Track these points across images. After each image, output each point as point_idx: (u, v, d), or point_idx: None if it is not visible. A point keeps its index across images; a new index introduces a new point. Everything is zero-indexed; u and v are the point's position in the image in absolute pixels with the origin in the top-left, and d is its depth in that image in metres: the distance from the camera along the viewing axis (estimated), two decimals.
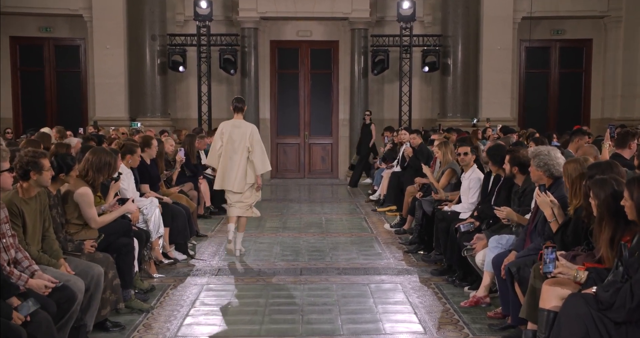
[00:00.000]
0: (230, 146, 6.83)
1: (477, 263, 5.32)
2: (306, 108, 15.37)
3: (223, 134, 6.88)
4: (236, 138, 6.83)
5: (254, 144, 6.83)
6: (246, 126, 6.89)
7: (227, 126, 6.92)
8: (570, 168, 4.24)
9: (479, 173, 6.59)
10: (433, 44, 14.38)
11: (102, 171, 5.17)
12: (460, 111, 14.41)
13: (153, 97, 14.22)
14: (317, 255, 7.29)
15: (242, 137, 6.81)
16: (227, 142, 6.84)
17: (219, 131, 6.96)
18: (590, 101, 15.50)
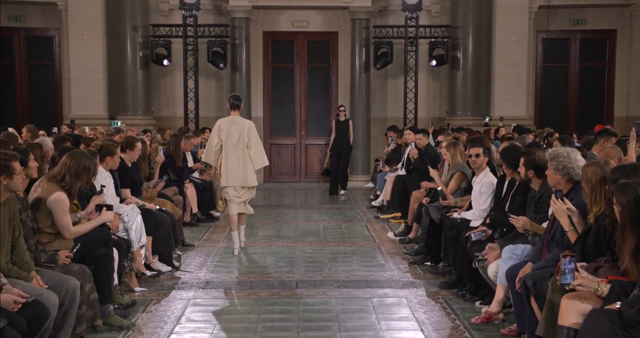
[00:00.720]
0: (230, 143, 7.57)
1: (490, 275, 5.32)
2: (302, 106, 15.38)
3: (221, 131, 7.61)
4: (234, 134, 7.58)
5: (251, 140, 7.60)
6: (243, 122, 7.68)
7: (224, 123, 7.66)
8: (590, 171, 4.24)
9: (491, 177, 6.59)
10: (441, 35, 14.40)
11: (80, 177, 5.16)
12: (470, 109, 14.43)
13: (134, 94, 14.22)
14: (315, 266, 7.29)
15: (241, 133, 7.58)
16: (226, 139, 7.57)
17: (216, 127, 7.68)
18: (613, 98, 15.52)
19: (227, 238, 8.75)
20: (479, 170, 6.69)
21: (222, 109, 15.09)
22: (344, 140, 13.01)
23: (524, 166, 5.35)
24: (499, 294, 5.20)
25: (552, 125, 12.74)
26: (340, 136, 13.00)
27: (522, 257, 4.97)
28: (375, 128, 15.04)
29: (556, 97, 15.55)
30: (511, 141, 7.87)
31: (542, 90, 15.54)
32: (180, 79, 14.58)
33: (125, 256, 5.93)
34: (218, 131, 7.64)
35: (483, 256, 5.43)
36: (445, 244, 6.59)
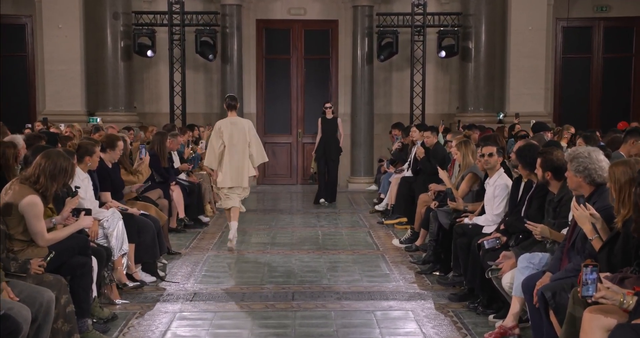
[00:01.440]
0: (231, 144, 8.34)
1: (504, 286, 5.32)
2: (299, 101, 15.39)
3: (222, 133, 8.33)
4: (235, 135, 8.35)
5: (252, 139, 8.46)
6: (242, 122, 8.52)
7: (225, 124, 8.38)
8: (618, 171, 4.23)
9: (506, 179, 6.59)
10: (451, 24, 14.42)
11: (56, 179, 5.15)
12: (483, 105, 14.45)
13: (115, 88, 14.22)
14: (313, 276, 7.29)
15: (241, 133, 8.36)
16: (228, 140, 8.32)
17: (217, 129, 8.40)
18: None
19: (217, 245, 8.80)
20: (492, 171, 6.69)
21: (212, 104, 15.12)
22: (331, 141, 12.30)
23: (541, 167, 5.35)
24: (515, 307, 5.20)
25: (573, 122, 12.77)
26: (327, 136, 12.29)
27: (540, 267, 4.97)
28: (379, 126, 15.06)
29: (577, 92, 15.58)
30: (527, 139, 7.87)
31: (562, 83, 15.57)
32: (166, 71, 14.59)
33: (105, 265, 5.92)
34: (219, 132, 8.33)
35: (497, 266, 5.43)
36: (455, 252, 6.58)
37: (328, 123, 12.32)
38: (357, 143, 14.65)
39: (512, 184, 6.32)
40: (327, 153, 12.30)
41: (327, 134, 12.32)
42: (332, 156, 12.36)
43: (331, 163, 12.41)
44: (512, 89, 14.41)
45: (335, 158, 12.43)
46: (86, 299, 5.21)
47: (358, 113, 14.59)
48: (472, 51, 14.39)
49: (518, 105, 14.10)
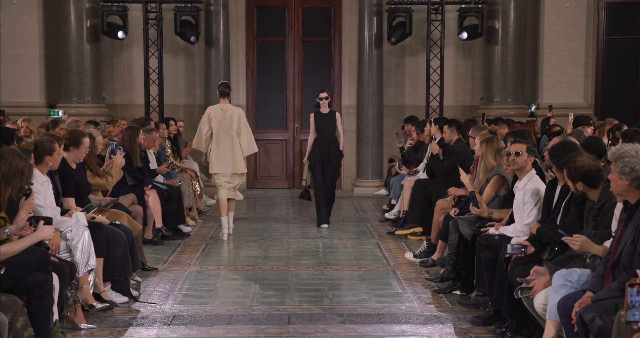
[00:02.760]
0: (220, 131, 9.91)
1: (537, 308, 5.32)
2: (296, 91, 15.40)
3: (211, 119, 9.93)
4: (225, 122, 9.93)
5: (241, 128, 10.01)
6: (233, 109, 10.06)
7: (214, 111, 9.99)
8: None
9: (537, 182, 6.59)
10: (474, 0, 14.42)
11: (11, 182, 5.15)
12: (512, 95, 14.44)
13: (80, 75, 14.22)
14: (312, 295, 7.29)
15: (231, 120, 9.94)
16: (217, 126, 9.90)
17: (206, 115, 10.00)
18: None
19: (200, 260, 8.81)
20: (521, 173, 6.68)
21: (194, 94, 15.13)
22: (329, 143, 10.94)
23: (569, 179, 5.39)
24: (549, 333, 5.19)
25: (617, 115, 12.74)
26: (323, 137, 10.95)
27: (579, 285, 4.97)
28: (390, 119, 15.06)
29: (623, 79, 15.55)
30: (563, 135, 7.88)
31: (605, 70, 15.54)
32: (140, 56, 14.58)
33: (69, 283, 5.91)
34: (208, 118, 9.95)
35: (528, 284, 5.43)
36: (479, 268, 6.58)
37: (323, 119, 11.02)
38: (364, 140, 14.63)
39: (545, 189, 6.32)
40: (324, 159, 10.97)
41: (323, 134, 10.96)
42: (332, 162, 11.03)
43: (330, 171, 11.07)
44: (545, 77, 14.39)
45: (335, 165, 11.13)
46: (45, 323, 5.20)
47: (365, 105, 14.58)
48: (499, 32, 14.37)
49: (553, 95, 14.09)
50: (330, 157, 10.97)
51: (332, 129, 11.00)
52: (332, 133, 11.00)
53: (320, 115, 11.08)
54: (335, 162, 11.09)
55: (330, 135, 10.98)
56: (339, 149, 11.07)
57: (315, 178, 11.05)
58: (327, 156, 10.96)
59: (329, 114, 11.08)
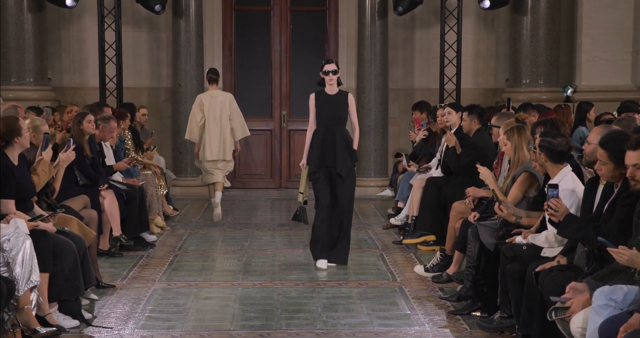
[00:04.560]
0: (212, 118, 11.72)
1: (574, 333, 5.33)
2: (284, 71, 15.42)
3: (203, 106, 11.75)
4: (216, 109, 11.74)
5: (233, 112, 11.87)
6: (224, 95, 12.01)
7: (205, 98, 11.82)
8: None
9: (573, 181, 6.61)
10: None
11: None
12: (544, 76, 14.49)
13: (20, 51, 14.21)
14: (302, 318, 7.30)
15: (221, 106, 11.76)
16: (208, 114, 11.69)
17: (198, 103, 11.83)
18: None
19: (168, 274, 8.83)
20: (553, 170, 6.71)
21: (160, 75, 15.14)
22: (335, 139, 9.19)
23: None
24: None
25: None
26: (327, 128, 9.23)
27: (625, 305, 4.98)
28: (396, 105, 15.09)
29: None
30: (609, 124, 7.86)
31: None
32: (94, 29, 14.57)
33: (6, 304, 5.90)
34: (200, 105, 11.77)
35: (564, 303, 5.45)
36: (503, 284, 6.59)
37: (330, 103, 9.28)
38: (366, 130, 14.62)
39: (585, 189, 6.33)
40: (330, 164, 9.13)
41: (328, 125, 9.22)
42: (341, 169, 9.15)
43: (339, 184, 9.17)
44: (584, 54, 14.43)
45: (346, 173, 9.22)
46: None
47: (367, 88, 14.60)
48: (529, 0, 14.40)
49: (593, 76, 14.15)
50: (338, 160, 9.09)
51: (341, 118, 9.30)
52: (342, 123, 9.31)
53: (324, 97, 9.28)
54: (344, 168, 9.11)
55: (338, 127, 9.23)
56: (352, 149, 9.25)
57: (317, 192, 9.18)
58: (332, 159, 9.12)
59: (338, 96, 9.29)
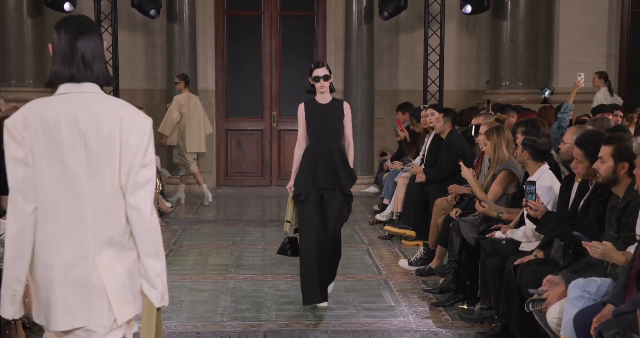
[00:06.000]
0: (192, 115, 13.10)
1: (550, 323, 5.36)
2: (274, 74, 15.40)
3: (182, 106, 13.05)
4: (192, 107, 13.14)
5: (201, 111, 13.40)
6: (195, 97, 13.46)
7: (184, 99, 13.11)
8: None
9: (550, 178, 6.65)
10: None
11: None
12: (522, 78, 14.50)
13: (20, 54, 14.17)
14: (292, 310, 7.33)
15: (197, 106, 13.24)
16: (189, 111, 13.08)
17: (177, 103, 13.08)
18: None
19: None
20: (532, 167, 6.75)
21: (155, 77, 15.11)
22: (331, 156, 7.43)
23: (614, 157, 5.34)
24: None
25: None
26: (320, 144, 7.49)
27: (599, 296, 5.01)
28: (382, 106, 15.10)
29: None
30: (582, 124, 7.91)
31: (631, 48, 15.63)
32: None
33: None
34: (179, 105, 13.04)
35: (540, 295, 5.48)
36: (483, 277, 6.63)
37: (322, 114, 7.56)
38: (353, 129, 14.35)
39: (561, 187, 6.36)
40: (323, 186, 7.40)
41: (321, 140, 7.50)
42: (347, 190, 7.52)
43: (332, 209, 7.45)
44: (562, 57, 14.47)
45: (343, 189, 7.49)
46: None
47: (353, 90, 14.60)
48: (509, 5, 14.41)
49: (570, 78, 14.09)
50: (332, 181, 7.40)
51: (337, 131, 7.53)
52: (338, 138, 7.56)
53: (316, 107, 7.58)
54: (346, 188, 7.49)
55: (334, 142, 7.49)
56: (349, 167, 7.56)
57: (305, 220, 7.40)
58: (327, 180, 7.39)
59: (332, 105, 7.58)
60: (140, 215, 3.51)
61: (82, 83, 3.55)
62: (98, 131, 3.48)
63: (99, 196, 3.50)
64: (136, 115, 3.56)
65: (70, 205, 3.48)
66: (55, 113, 3.49)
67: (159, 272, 3.63)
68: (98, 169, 3.48)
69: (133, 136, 3.50)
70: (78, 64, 3.54)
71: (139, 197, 3.51)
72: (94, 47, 3.59)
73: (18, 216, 3.51)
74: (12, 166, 3.52)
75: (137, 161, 3.51)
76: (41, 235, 3.51)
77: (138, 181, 3.51)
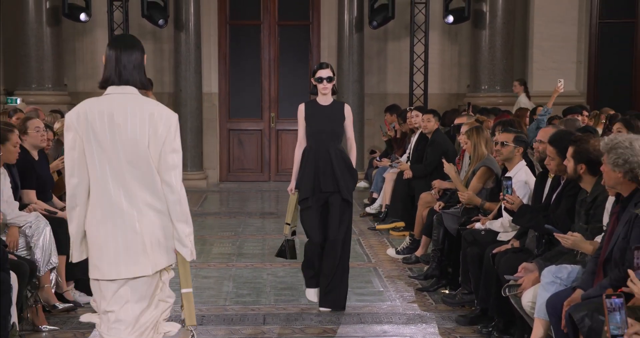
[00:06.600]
0: None
1: (525, 306, 5.37)
2: (272, 78, 15.38)
3: None
4: None
5: None
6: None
7: None
8: None
9: (527, 173, 6.66)
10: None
11: None
12: (500, 82, 14.51)
13: (40, 61, 14.12)
14: (288, 294, 7.34)
15: None
16: None
17: None
18: None
19: None
20: (510, 164, 6.77)
21: (163, 82, 15.08)
22: (331, 157, 6.76)
23: (574, 158, 5.38)
24: (538, 332, 5.24)
25: (612, 103, 12.83)
26: (320, 145, 6.82)
27: (569, 282, 5.03)
28: (371, 108, 15.08)
29: (618, 66, 15.62)
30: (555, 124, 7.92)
31: (599, 56, 15.63)
32: (104, 40, 14.47)
33: (29, 283, 5.90)
34: None
35: (516, 281, 5.49)
36: (464, 265, 6.64)
37: (323, 116, 6.90)
38: None
39: (535, 181, 6.38)
40: (326, 189, 6.76)
41: (322, 142, 6.83)
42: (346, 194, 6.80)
43: (335, 212, 6.80)
44: (535, 63, 14.47)
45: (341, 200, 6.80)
46: (4, 326, 5.19)
47: (345, 93, 14.58)
48: (487, 15, 14.42)
49: (543, 83, 14.16)
50: (338, 184, 6.74)
51: (337, 133, 6.87)
52: (337, 139, 6.89)
53: (316, 108, 6.96)
54: (345, 192, 6.77)
55: (333, 144, 6.82)
56: (351, 168, 6.88)
57: (307, 225, 6.88)
58: (328, 183, 6.75)
59: (333, 107, 6.94)
60: (172, 190, 4.07)
61: (124, 86, 4.16)
62: (132, 123, 4.04)
63: (136, 173, 4.05)
64: (163, 111, 4.13)
65: (115, 180, 4.06)
66: (99, 109, 4.08)
67: (187, 234, 4.14)
68: (133, 153, 4.03)
69: (161, 128, 4.06)
70: (121, 72, 4.16)
71: (170, 176, 4.06)
72: (135, 59, 4.24)
73: (69, 189, 4.13)
74: (67, 149, 4.13)
75: (166, 147, 4.07)
76: (94, 200, 4.11)
77: (168, 163, 4.07)
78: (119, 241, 4.07)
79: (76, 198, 4.14)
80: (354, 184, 6.92)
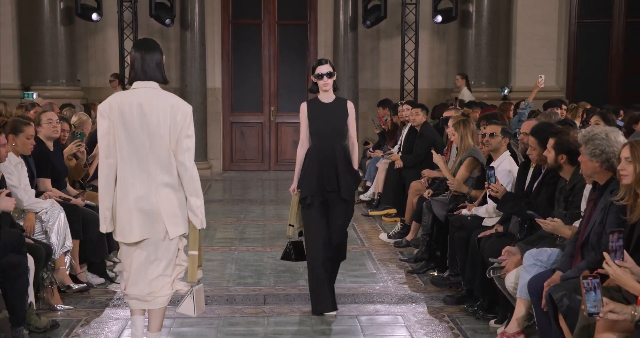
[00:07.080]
0: None
1: (508, 287, 5.38)
2: (272, 74, 15.35)
3: None
4: None
5: None
6: None
7: None
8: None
9: (510, 163, 6.66)
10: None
11: None
12: (485, 78, 14.51)
13: (54, 57, 14.08)
14: (287, 276, 7.34)
15: None
16: None
17: None
18: None
19: None
20: (495, 154, 6.78)
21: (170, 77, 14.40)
22: (335, 156, 6.24)
23: (554, 149, 5.39)
24: (520, 311, 5.26)
25: (590, 98, 12.84)
26: (324, 144, 6.26)
27: (549, 264, 5.04)
28: (365, 102, 15.07)
29: (595, 63, 15.62)
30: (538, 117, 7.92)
31: (577, 53, 15.62)
32: (115, 38, 14.47)
33: (44, 265, 5.90)
34: None
35: (500, 264, 5.50)
36: (452, 248, 6.65)
37: (326, 113, 6.31)
38: None
39: (518, 171, 6.38)
40: (330, 188, 6.24)
41: (325, 140, 6.28)
42: (346, 194, 6.28)
43: (337, 212, 6.31)
44: (518, 60, 14.47)
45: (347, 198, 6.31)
46: (21, 305, 5.19)
47: (341, 88, 14.44)
48: (473, 16, 14.41)
49: (525, 78, 14.14)
50: (339, 183, 6.22)
51: (340, 131, 6.32)
52: (342, 137, 6.33)
53: (318, 106, 6.36)
54: (347, 192, 6.27)
55: (337, 142, 6.28)
56: (352, 169, 6.37)
57: (312, 225, 6.29)
58: (332, 182, 6.23)
59: (336, 104, 6.36)
60: (185, 169, 4.66)
61: (147, 81, 4.66)
62: (156, 112, 4.58)
63: (157, 154, 4.60)
64: (181, 102, 4.68)
65: (139, 160, 4.60)
66: (129, 100, 4.60)
67: (199, 206, 4.79)
68: (155, 137, 4.58)
69: (179, 116, 4.60)
70: (145, 70, 4.65)
71: (185, 157, 4.63)
72: (156, 59, 4.68)
73: (104, 167, 4.64)
74: (101, 136, 4.62)
75: (183, 133, 4.61)
76: (121, 179, 4.63)
77: (183, 146, 4.62)
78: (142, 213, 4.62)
79: (110, 177, 4.64)
80: (356, 183, 6.54)
